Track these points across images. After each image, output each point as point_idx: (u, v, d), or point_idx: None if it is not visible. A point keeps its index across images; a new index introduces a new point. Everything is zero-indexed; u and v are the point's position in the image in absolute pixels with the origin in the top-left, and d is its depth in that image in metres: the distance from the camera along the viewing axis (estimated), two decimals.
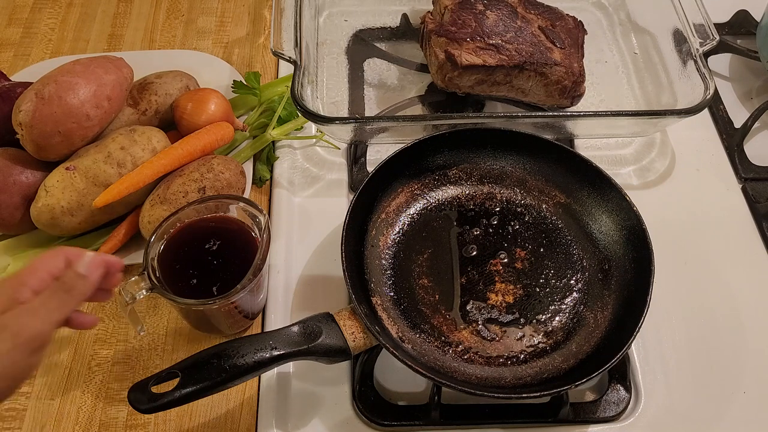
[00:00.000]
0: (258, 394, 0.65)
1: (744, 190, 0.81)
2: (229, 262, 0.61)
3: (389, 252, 0.70)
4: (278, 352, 0.55)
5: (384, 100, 0.86)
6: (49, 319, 0.46)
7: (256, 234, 0.62)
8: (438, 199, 0.74)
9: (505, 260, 0.69)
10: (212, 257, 0.62)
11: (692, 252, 0.75)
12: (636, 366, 0.67)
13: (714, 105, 0.89)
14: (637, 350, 0.68)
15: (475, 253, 0.70)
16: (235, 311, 0.63)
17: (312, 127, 0.84)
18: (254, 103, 0.83)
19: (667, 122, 0.80)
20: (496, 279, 0.68)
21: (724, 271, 0.74)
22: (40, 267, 0.48)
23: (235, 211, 0.63)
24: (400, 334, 0.64)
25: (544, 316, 0.66)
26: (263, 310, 0.70)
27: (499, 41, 0.79)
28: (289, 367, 0.66)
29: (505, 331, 0.65)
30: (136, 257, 0.70)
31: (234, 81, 0.83)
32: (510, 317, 0.66)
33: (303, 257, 0.73)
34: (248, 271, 0.58)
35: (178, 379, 0.52)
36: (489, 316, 0.66)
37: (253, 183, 0.77)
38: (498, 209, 0.73)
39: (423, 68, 0.89)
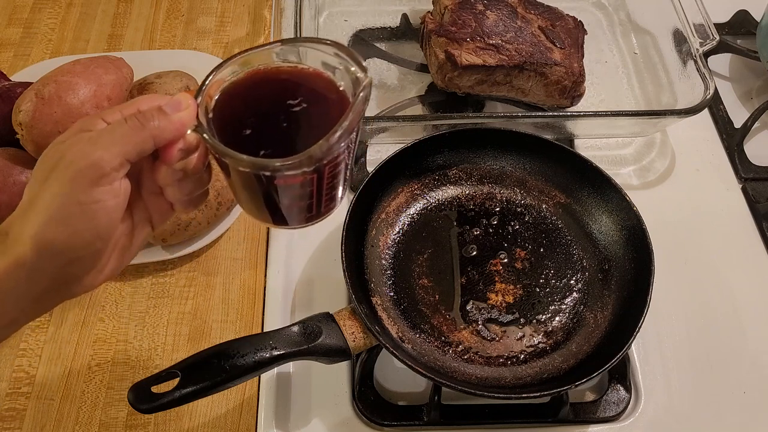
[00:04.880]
0: (258, 394, 0.65)
1: (744, 190, 0.81)
2: (305, 124, 0.45)
3: (389, 252, 0.70)
4: (278, 352, 0.55)
5: (384, 100, 0.86)
6: (112, 148, 0.38)
7: (348, 96, 0.45)
8: (438, 199, 0.74)
9: (505, 260, 0.69)
10: (285, 115, 0.45)
11: (692, 252, 0.75)
12: (636, 366, 0.67)
13: (714, 105, 0.89)
14: (637, 350, 0.68)
15: (475, 253, 0.70)
16: (298, 189, 0.45)
17: None
18: None
19: (667, 122, 0.80)
20: (496, 279, 0.68)
21: (724, 270, 0.74)
22: (129, 103, 0.41)
23: (327, 64, 0.46)
24: (400, 334, 0.64)
25: (544, 316, 0.66)
26: (263, 310, 0.70)
27: (499, 41, 0.79)
28: (289, 367, 0.66)
29: (505, 331, 0.65)
30: (145, 256, 0.69)
31: None
32: (510, 317, 0.66)
33: (303, 257, 0.73)
34: (327, 134, 0.40)
35: (178, 379, 0.52)
36: (489, 316, 0.66)
37: None
38: (498, 209, 0.73)
39: (423, 68, 0.89)
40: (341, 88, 0.45)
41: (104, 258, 0.41)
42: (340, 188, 0.47)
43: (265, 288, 0.72)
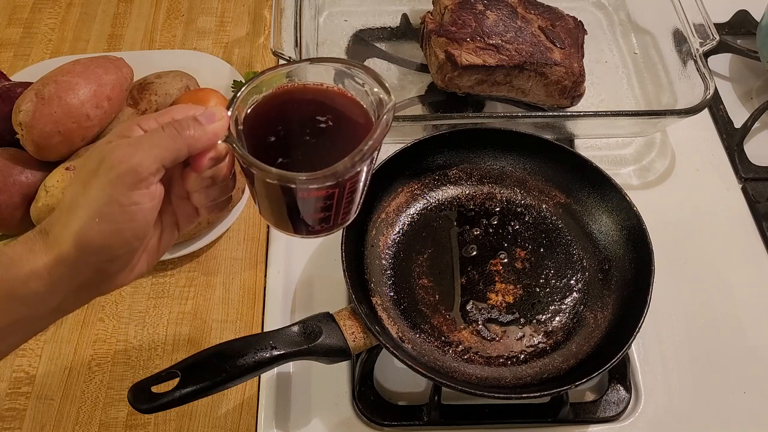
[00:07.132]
0: (258, 394, 0.65)
1: (744, 190, 0.81)
2: (328, 141, 0.47)
3: (389, 252, 0.70)
4: (278, 352, 0.55)
5: None
6: (151, 153, 0.40)
7: (371, 116, 0.47)
8: (438, 199, 0.74)
9: (505, 260, 0.69)
10: (310, 132, 0.47)
11: (692, 252, 0.75)
12: (636, 366, 0.67)
13: (714, 105, 0.89)
14: (637, 350, 0.68)
15: (475, 253, 0.70)
16: (320, 201, 0.47)
17: None
18: None
19: (667, 122, 0.80)
20: (496, 279, 0.68)
21: (724, 270, 0.74)
22: (163, 112, 0.43)
23: (352, 85, 0.49)
24: (400, 334, 0.64)
25: (544, 316, 0.66)
26: (263, 310, 0.70)
27: (499, 41, 0.79)
28: (289, 367, 0.66)
29: (505, 331, 0.65)
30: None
31: (234, 81, 0.82)
32: (510, 317, 0.66)
33: (303, 257, 0.73)
34: (352, 153, 0.43)
35: (178, 379, 0.52)
36: (489, 316, 0.66)
37: None
38: (498, 209, 0.73)
39: (423, 68, 0.89)
40: (364, 107, 0.47)
41: (136, 257, 0.44)
42: (357, 202, 0.50)
43: (265, 288, 0.72)
